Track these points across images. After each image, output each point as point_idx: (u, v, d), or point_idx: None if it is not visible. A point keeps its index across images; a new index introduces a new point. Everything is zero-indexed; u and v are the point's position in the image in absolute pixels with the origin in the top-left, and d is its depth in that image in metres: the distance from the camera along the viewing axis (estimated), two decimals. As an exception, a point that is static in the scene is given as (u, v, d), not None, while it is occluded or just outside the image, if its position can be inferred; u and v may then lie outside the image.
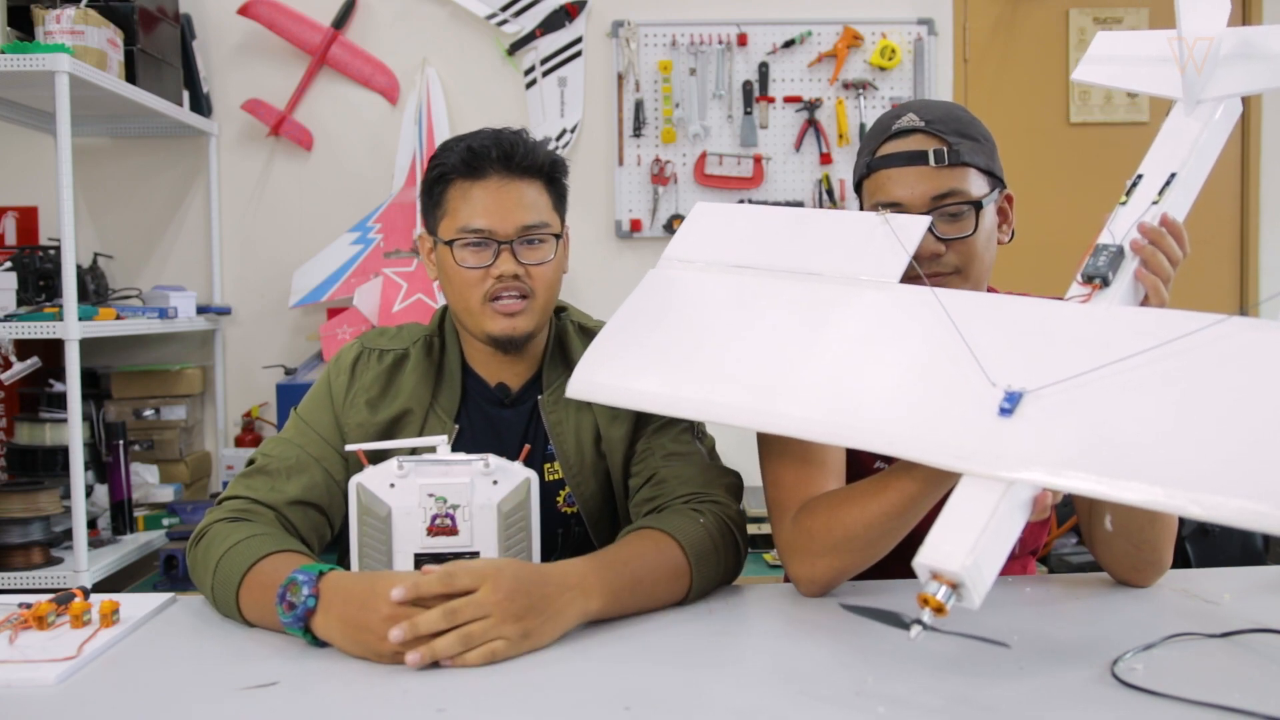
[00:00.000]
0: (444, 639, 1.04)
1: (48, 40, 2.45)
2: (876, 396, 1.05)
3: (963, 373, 0.99)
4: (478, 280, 1.36)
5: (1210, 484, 0.78)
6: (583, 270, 3.19)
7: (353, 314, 3.02)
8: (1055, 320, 1.04)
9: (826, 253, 1.26)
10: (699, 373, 1.19)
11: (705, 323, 1.25)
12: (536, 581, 1.10)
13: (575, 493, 1.43)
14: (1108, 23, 3.41)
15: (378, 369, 1.43)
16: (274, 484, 1.34)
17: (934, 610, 0.86)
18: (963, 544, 0.86)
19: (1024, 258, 3.34)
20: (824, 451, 1.32)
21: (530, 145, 1.39)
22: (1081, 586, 1.32)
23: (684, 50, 3.23)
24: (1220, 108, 1.17)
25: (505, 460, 1.23)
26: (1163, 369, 0.88)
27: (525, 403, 1.46)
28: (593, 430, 1.43)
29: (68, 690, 1.01)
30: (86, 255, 2.98)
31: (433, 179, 1.41)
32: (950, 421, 0.96)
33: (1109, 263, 1.08)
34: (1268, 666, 1.02)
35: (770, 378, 1.13)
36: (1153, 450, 0.83)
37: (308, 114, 3.22)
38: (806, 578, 1.26)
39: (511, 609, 1.06)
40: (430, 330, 1.48)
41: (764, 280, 1.26)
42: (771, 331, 1.19)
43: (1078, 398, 0.91)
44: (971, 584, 0.86)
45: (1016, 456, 0.89)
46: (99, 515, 2.68)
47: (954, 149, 1.29)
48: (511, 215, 1.36)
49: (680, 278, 1.33)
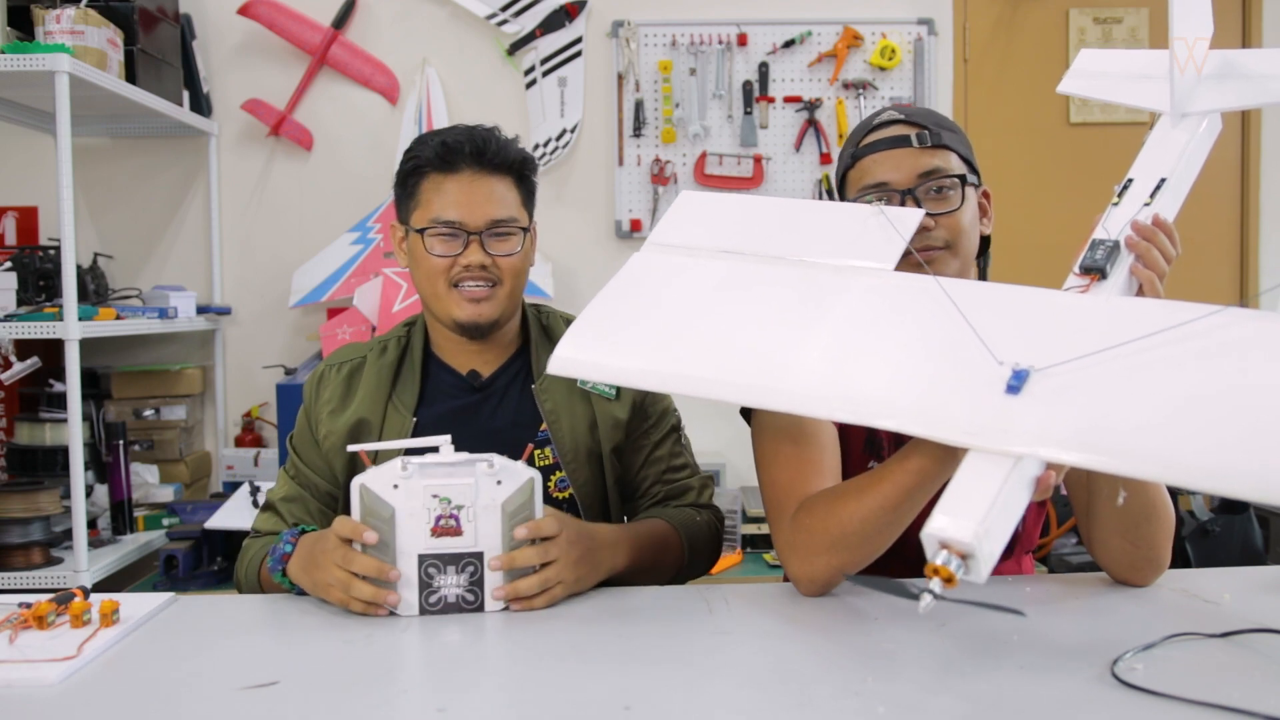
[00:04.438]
0: (527, 581, 1.20)
1: (48, 40, 2.45)
2: (880, 374, 1.03)
3: (969, 353, 0.99)
4: (445, 268, 1.43)
5: (1214, 459, 0.79)
6: (583, 270, 3.19)
7: (353, 314, 3.02)
8: (1057, 307, 1.04)
9: (820, 241, 1.23)
10: (692, 350, 1.15)
11: (696, 302, 1.21)
12: (587, 534, 1.28)
13: (570, 478, 1.47)
14: (1108, 23, 3.42)
15: (336, 380, 1.51)
16: (275, 519, 1.47)
17: (944, 580, 0.86)
18: (973, 515, 0.86)
19: (1024, 257, 3.34)
20: (820, 452, 1.33)
21: (502, 142, 1.46)
22: (1081, 586, 1.32)
23: (684, 50, 3.23)
24: (1205, 121, 1.21)
25: (509, 460, 1.23)
26: (1166, 353, 0.90)
27: (497, 388, 1.50)
28: (589, 418, 1.48)
29: (68, 690, 1.01)
30: (86, 255, 2.98)
31: (407, 170, 1.47)
32: (957, 398, 0.96)
33: (1106, 256, 1.10)
34: (1268, 666, 1.02)
35: (769, 355, 1.10)
36: (1159, 428, 0.84)
37: (308, 114, 3.22)
38: (806, 577, 1.26)
39: (572, 555, 1.23)
40: (390, 336, 1.55)
41: (756, 265, 1.22)
42: (768, 311, 1.16)
43: (1084, 378, 0.92)
44: (981, 555, 0.86)
45: (1024, 432, 0.90)
46: (99, 515, 2.67)
47: (934, 133, 1.35)
48: (481, 209, 1.42)
49: (667, 261, 1.28)
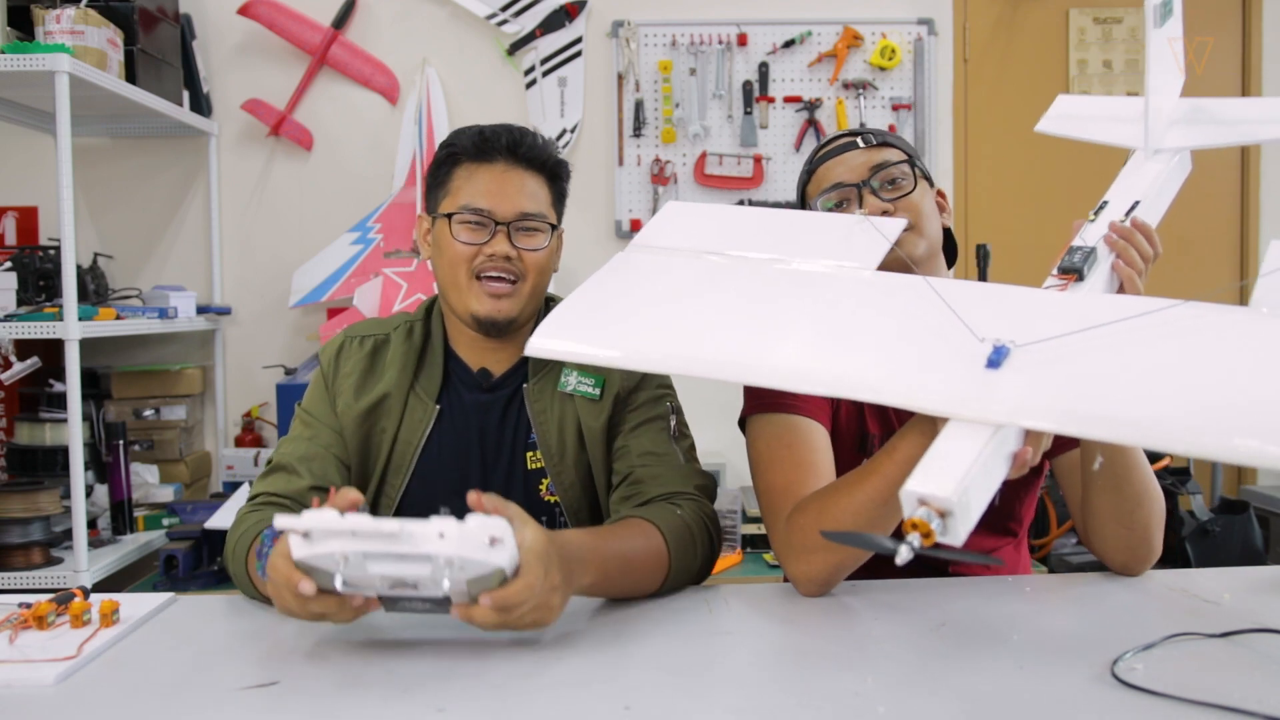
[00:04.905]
0: (488, 621, 1.02)
1: (48, 40, 2.45)
2: (864, 353, 1.05)
3: (951, 333, 1.02)
4: (470, 256, 1.40)
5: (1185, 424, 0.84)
6: (583, 270, 3.17)
7: (353, 314, 3.02)
8: (1036, 299, 1.08)
9: (804, 245, 1.25)
10: (675, 332, 1.14)
11: (679, 292, 1.21)
12: (561, 558, 1.08)
13: (555, 483, 1.44)
14: (1108, 22, 3.42)
15: (360, 354, 1.47)
16: (289, 478, 1.39)
17: (922, 535, 0.86)
18: (953, 474, 0.88)
19: (1024, 257, 3.35)
20: (813, 454, 1.35)
21: (538, 140, 1.46)
22: (1081, 586, 1.32)
23: (684, 50, 3.23)
24: (1176, 158, 1.28)
25: (482, 543, 0.99)
26: (1134, 336, 0.97)
27: (506, 389, 1.47)
28: (575, 422, 1.44)
29: (67, 690, 1.01)
30: (86, 255, 2.98)
31: (441, 159, 1.46)
32: (939, 372, 0.98)
33: (1084, 259, 1.14)
34: (1268, 666, 1.02)
35: (753, 335, 1.11)
36: (1134, 402, 0.88)
37: (308, 114, 3.22)
38: (804, 577, 1.26)
39: (543, 596, 1.04)
40: (414, 317, 1.51)
41: (739, 263, 1.23)
42: (752, 300, 1.17)
43: (1060, 355, 0.96)
44: (959, 514, 0.86)
45: (1004, 402, 0.92)
46: (99, 515, 2.68)
47: (879, 134, 1.47)
48: (512, 200, 1.41)
49: (650, 259, 1.27)
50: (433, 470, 1.44)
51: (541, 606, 1.05)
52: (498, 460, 1.46)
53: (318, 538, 0.99)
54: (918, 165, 1.45)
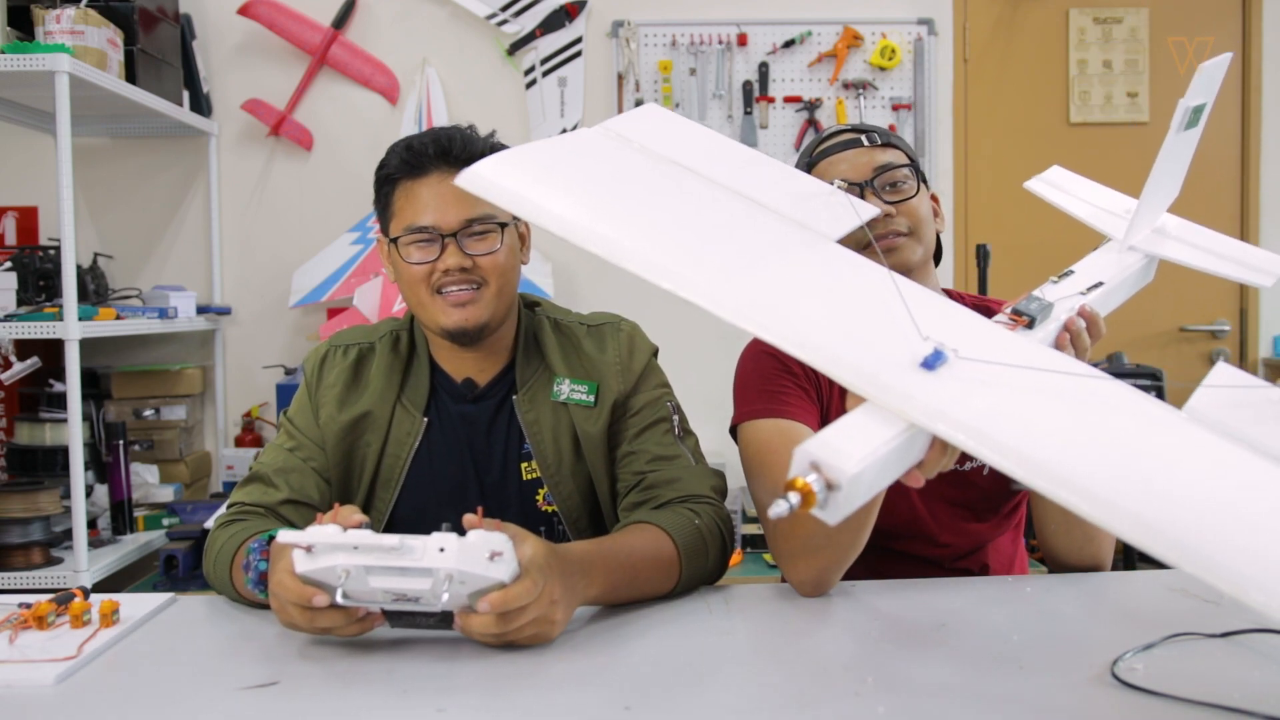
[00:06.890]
0: (489, 630, 1.04)
1: (48, 40, 2.45)
2: (805, 308, 0.99)
3: (895, 324, 0.98)
4: (425, 274, 1.38)
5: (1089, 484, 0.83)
6: (583, 270, 3.19)
7: (352, 314, 3.02)
8: (986, 328, 1.06)
9: (776, 193, 1.18)
10: (625, 219, 1.06)
11: (638, 185, 1.12)
12: (562, 573, 1.09)
13: (553, 493, 1.42)
14: (1108, 22, 3.42)
15: (343, 364, 1.45)
16: (265, 489, 1.39)
17: (802, 495, 0.83)
18: (857, 452, 0.84)
19: (1023, 258, 3.35)
20: None
21: (468, 138, 1.41)
22: (1081, 586, 1.32)
23: (684, 50, 3.23)
24: (1145, 261, 1.30)
25: (483, 557, 1.01)
26: (1073, 394, 0.93)
27: (492, 398, 1.45)
28: (571, 431, 1.42)
29: (67, 690, 1.01)
30: (86, 255, 2.98)
31: (379, 182, 1.44)
32: (874, 353, 0.94)
33: (1040, 310, 1.13)
34: (1268, 666, 1.02)
35: (696, 251, 1.03)
36: (1051, 448, 0.86)
37: (308, 114, 3.22)
38: (798, 580, 1.27)
39: (546, 608, 1.06)
40: (401, 325, 1.49)
41: (708, 185, 1.15)
42: (709, 223, 1.09)
43: (996, 382, 0.93)
44: (848, 492, 0.83)
45: (926, 405, 0.89)
46: (99, 515, 2.68)
47: (883, 133, 1.46)
48: (453, 209, 1.37)
49: (617, 148, 1.17)
50: (424, 482, 1.42)
51: (542, 620, 1.06)
52: (490, 471, 1.44)
53: (320, 552, 1.01)
54: (918, 169, 1.44)
